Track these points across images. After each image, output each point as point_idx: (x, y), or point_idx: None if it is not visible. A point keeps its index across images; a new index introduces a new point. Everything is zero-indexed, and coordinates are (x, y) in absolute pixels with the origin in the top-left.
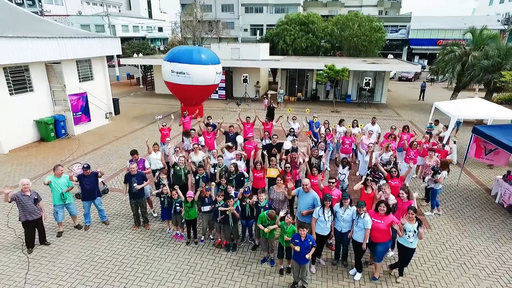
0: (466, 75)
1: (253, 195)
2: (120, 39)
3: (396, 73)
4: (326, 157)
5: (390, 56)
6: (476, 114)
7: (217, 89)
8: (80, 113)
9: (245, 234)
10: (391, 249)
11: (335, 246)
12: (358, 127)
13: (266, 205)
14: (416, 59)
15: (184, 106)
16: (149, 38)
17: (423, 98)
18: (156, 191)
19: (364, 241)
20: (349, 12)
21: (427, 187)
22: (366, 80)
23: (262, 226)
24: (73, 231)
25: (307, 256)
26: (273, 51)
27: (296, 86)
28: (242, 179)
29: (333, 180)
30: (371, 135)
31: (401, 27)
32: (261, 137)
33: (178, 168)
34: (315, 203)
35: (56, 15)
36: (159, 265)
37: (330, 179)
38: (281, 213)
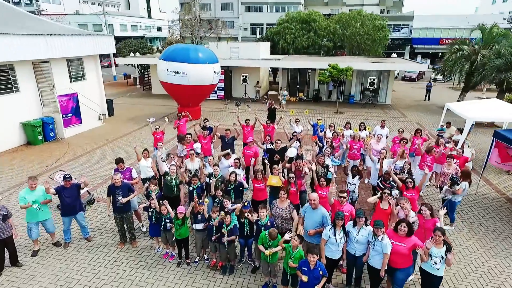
0: (477, 75)
1: (252, 211)
2: (114, 37)
3: (399, 72)
4: (339, 157)
5: (394, 55)
6: (495, 116)
7: (216, 89)
8: (70, 114)
9: (243, 253)
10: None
11: (346, 269)
12: (365, 130)
13: (268, 223)
14: (419, 59)
15: (181, 107)
16: (148, 38)
17: (429, 98)
18: (143, 205)
19: (382, 267)
20: (351, 10)
21: (444, 198)
22: (370, 79)
23: (263, 248)
24: (51, 249)
25: None
26: (273, 50)
27: (298, 86)
28: (241, 189)
29: (344, 194)
30: (380, 139)
31: (403, 26)
32: (262, 141)
33: (169, 178)
34: (324, 221)
35: (53, 14)
36: None
37: (341, 192)
38: (286, 235)
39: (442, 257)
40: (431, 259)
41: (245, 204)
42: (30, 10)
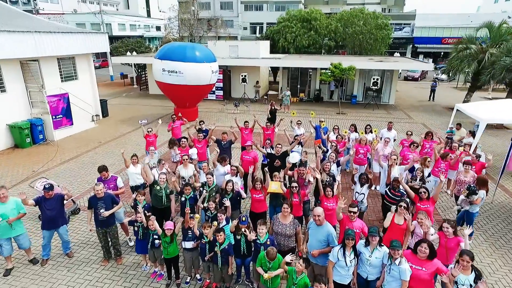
0: (486, 74)
1: (250, 226)
2: (107, 35)
3: (401, 72)
4: (343, 163)
5: (397, 55)
6: (511, 118)
7: (214, 89)
8: (60, 116)
9: (240, 273)
10: None
11: None
12: (372, 133)
13: (268, 241)
14: (421, 58)
15: (177, 108)
16: (147, 37)
17: (433, 98)
18: (129, 219)
19: None
20: (352, 8)
21: (460, 209)
22: (373, 79)
23: (261, 270)
24: (26, 267)
25: None
26: (273, 50)
27: (299, 86)
28: (238, 198)
29: (355, 209)
30: (388, 143)
31: (405, 25)
32: (261, 145)
33: (158, 187)
34: (329, 240)
35: (50, 13)
36: None
37: (351, 207)
38: (287, 257)
39: (471, 286)
40: None
41: (243, 219)
42: (27, 10)
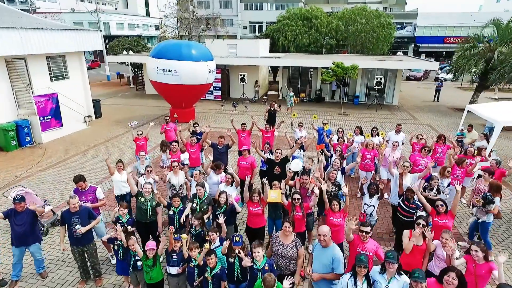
0: (496, 73)
1: (245, 247)
2: (102, 33)
3: (403, 72)
4: (348, 171)
5: (399, 54)
6: None
7: (212, 89)
8: (49, 117)
9: None
10: None
11: None
12: (378, 136)
13: (266, 266)
14: (423, 58)
15: (173, 109)
16: (145, 37)
17: (438, 99)
18: (107, 237)
19: None
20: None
21: (477, 220)
22: (377, 79)
23: None
24: None
25: None
26: (273, 48)
27: (299, 86)
28: (232, 212)
29: (367, 228)
30: (397, 147)
31: (407, 24)
32: (260, 148)
33: (142, 199)
34: (334, 265)
35: (47, 12)
36: None
37: (364, 226)
38: (285, 283)
39: None
40: None
41: (236, 239)
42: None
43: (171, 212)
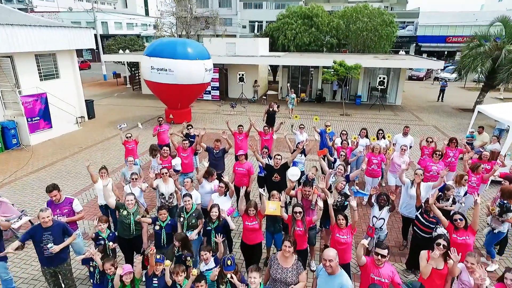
0: (504, 72)
1: (238, 271)
2: (94, 31)
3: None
4: (353, 178)
5: (402, 53)
6: None
7: (210, 89)
8: (37, 118)
9: None
10: None
11: None
12: (384, 138)
13: None
14: (424, 57)
15: (169, 110)
16: (144, 36)
17: (442, 99)
18: (82, 257)
19: None
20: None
21: (492, 231)
22: (380, 78)
23: None
24: None
25: None
26: (273, 47)
27: (300, 86)
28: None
29: (384, 251)
30: (405, 151)
31: (408, 23)
32: (259, 152)
33: (125, 213)
34: None
35: (44, 11)
36: None
37: (380, 247)
38: None
39: None
40: None
41: (228, 262)
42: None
43: (157, 227)
